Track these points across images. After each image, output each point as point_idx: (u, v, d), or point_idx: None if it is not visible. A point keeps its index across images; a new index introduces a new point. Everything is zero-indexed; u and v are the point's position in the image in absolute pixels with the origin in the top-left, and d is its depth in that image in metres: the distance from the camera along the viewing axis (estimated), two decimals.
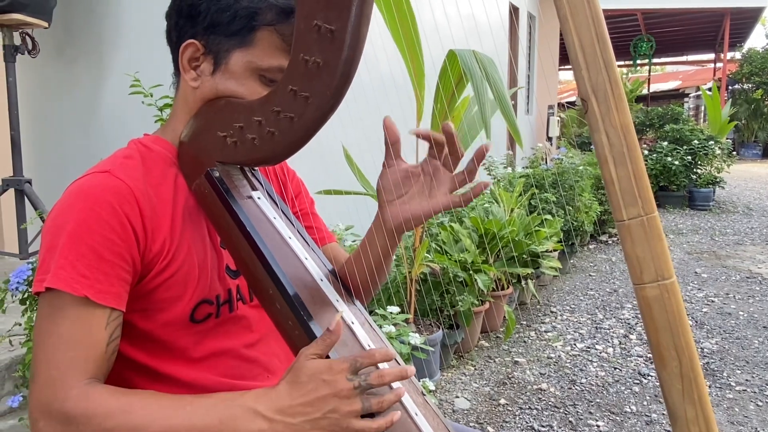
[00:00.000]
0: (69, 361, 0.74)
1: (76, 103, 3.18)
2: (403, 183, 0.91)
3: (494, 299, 3.29)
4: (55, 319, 0.75)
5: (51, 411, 0.72)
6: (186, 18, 0.85)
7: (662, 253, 0.62)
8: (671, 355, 0.62)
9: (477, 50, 2.33)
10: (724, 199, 8.51)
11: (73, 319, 0.75)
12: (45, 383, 0.73)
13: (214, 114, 0.86)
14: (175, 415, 0.72)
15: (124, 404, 0.73)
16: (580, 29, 0.61)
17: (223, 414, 0.72)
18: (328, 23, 0.72)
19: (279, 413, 0.72)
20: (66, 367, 0.73)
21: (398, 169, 0.91)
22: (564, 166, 5.25)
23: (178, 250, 0.84)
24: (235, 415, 0.72)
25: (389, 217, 0.91)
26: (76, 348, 0.74)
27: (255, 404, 0.73)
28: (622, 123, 0.61)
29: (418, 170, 0.92)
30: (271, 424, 0.72)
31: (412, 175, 0.92)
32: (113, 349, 0.79)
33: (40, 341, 0.75)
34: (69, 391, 0.72)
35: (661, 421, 2.43)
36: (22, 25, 2.62)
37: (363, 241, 0.97)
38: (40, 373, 0.73)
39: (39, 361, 0.74)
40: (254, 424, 0.72)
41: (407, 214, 0.91)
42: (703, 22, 13.61)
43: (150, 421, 0.71)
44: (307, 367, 0.74)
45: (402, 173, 0.91)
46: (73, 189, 0.80)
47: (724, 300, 4.03)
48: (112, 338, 0.78)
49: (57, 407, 0.72)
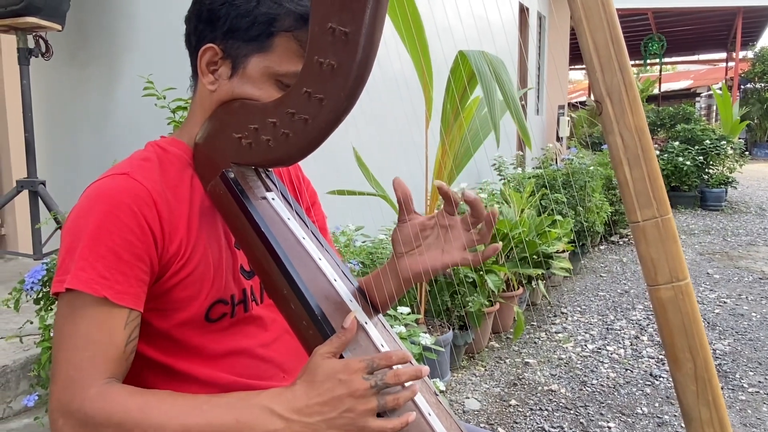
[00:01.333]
0: (88, 361, 0.75)
1: (88, 106, 3.21)
2: (418, 236, 0.93)
3: (505, 300, 3.29)
4: (74, 319, 0.76)
5: (70, 411, 0.73)
6: (205, 22, 0.86)
7: (677, 255, 0.62)
8: (686, 356, 0.62)
9: (487, 51, 2.34)
10: (737, 200, 8.44)
11: (93, 319, 0.76)
12: (64, 383, 0.74)
13: (229, 116, 0.87)
14: (191, 414, 0.73)
15: (142, 404, 0.73)
16: (595, 31, 0.61)
17: (239, 413, 0.73)
18: (343, 26, 0.73)
19: (295, 413, 0.73)
20: (85, 367, 0.74)
21: (413, 224, 0.93)
22: (574, 167, 5.23)
23: (194, 250, 0.86)
24: (252, 415, 0.73)
25: (404, 267, 0.93)
26: (96, 348, 0.75)
27: (271, 404, 0.73)
28: (636, 125, 0.61)
29: (432, 222, 0.94)
30: (288, 423, 0.72)
31: (427, 227, 0.93)
32: (132, 349, 0.80)
33: (59, 341, 0.76)
34: (88, 391, 0.73)
35: (673, 422, 2.42)
36: (36, 28, 2.65)
37: (376, 275, 0.97)
38: (59, 374, 0.74)
39: (59, 362, 0.75)
40: (271, 424, 0.72)
41: (420, 267, 0.92)
42: (714, 20, 13.52)
43: (167, 420, 0.72)
44: (323, 366, 0.74)
45: (417, 226, 0.93)
46: (92, 191, 0.81)
47: (737, 301, 4.00)
48: (131, 338, 0.79)
49: (76, 407, 0.73)
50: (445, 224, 0.92)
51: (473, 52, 2.31)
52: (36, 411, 1.88)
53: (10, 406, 1.89)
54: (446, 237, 0.93)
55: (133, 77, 2.72)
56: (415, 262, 0.92)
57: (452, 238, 0.92)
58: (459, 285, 2.92)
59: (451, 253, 0.91)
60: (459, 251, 0.91)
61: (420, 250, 0.93)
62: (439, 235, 0.93)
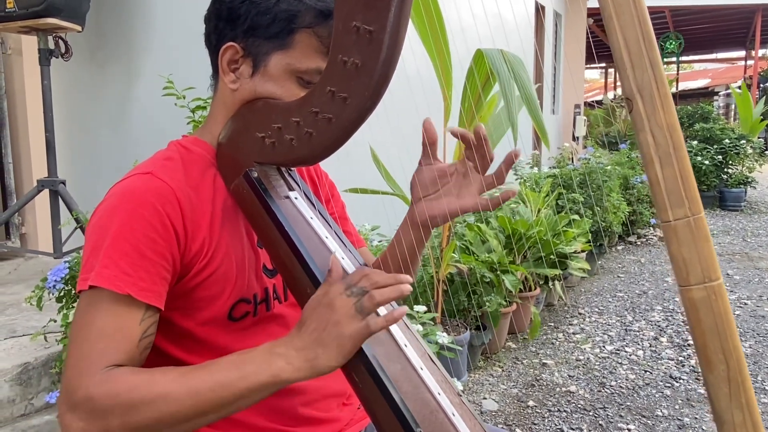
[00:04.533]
0: (98, 352, 0.74)
1: (108, 106, 3.24)
2: (436, 181, 0.95)
3: (521, 300, 3.27)
4: (92, 313, 0.76)
5: (75, 401, 0.72)
6: (225, 21, 0.86)
7: (709, 255, 0.61)
8: (718, 358, 0.61)
9: (504, 49, 2.32)
10: (756, 200, 8.32)
11: (109, 314, 0.76)
12: (72, 375, 0.74)
13: (252, 115, 0.87)
14: (196, 377, 0.73)
15: (146, 377, 0.73)
16: (626, 28, 0.60)
17: (242, 365, 0.73)
18: (367, 24, 0.73)
19: (294, 349, 0.74)
20: (95, 358, 0.74)
21: (433, 168, 0.96)
22: (591, 166, 5.19)
23: (217, 249, 0.86)
24: (254, 362, 0.73)
25: (421, 211, 0.95)
26: (108, 341, 0.75)
27: (271, 347, 0.75)
28: (668, 122, 0.60)
29: (452, 170, 0.96)
30: (288, 359, 0.73)
31: (446, 174, 0.96)
32: (146, 345, 0.79)
33: (74, 335, 0.76)
34: (92, 378, 0.72)
35: (694, 425, 2.39)
36: (56, 29, 2.67)
37: (392, 241, 1.00)
38: (69, 365, 0.75)
39: (70, 353, 0.75)
40: (273, 365, 0.73)
41: (436, 210, 0.95)
42: (733, 18, 13.35)
43: (173, 388, 0.72)
44: (308, 304, 0.77)
45: (437, 172, 0.96)
46: (117, 190, 0.82)
47: (758, 302, 3.95)
48: (146, 334, 0.79)
49: (80, 395, 0.72)
50: (462, 171, 0.94)
51: (491, 51, 2.30)
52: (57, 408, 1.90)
53: (32, 403, 1.91)
54: (463, 183, 0.94)
55: (152, 77, 2.73)
56: (431, 207, 0.95)
57: (467, 184, 0.94)
58: (476, 285, 2.91)
59: (465, 198, 0.94)
60: (473, 196, 0.94)
61: (437, 194, 0.95)
62: (457, 182, 0.95)
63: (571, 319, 3.67)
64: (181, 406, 0.71)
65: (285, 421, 0.92)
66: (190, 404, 0.71)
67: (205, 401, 0.72)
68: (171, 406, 0.71)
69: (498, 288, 2.93)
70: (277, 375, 0.73)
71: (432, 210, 0.94)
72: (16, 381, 1.87)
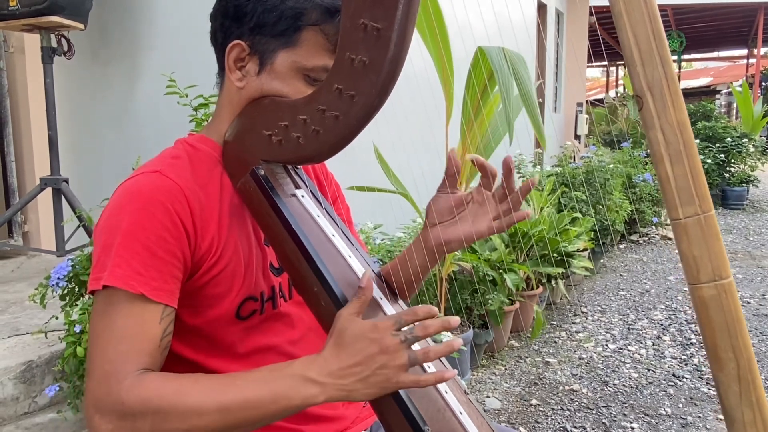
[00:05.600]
0: (123, 355, 0.75)
1: (110, 104, 3.24)
2: (452, 210, 0.96)
3: (524, 299, 3.26)
4: (110, 315, 0.76)
5: (106, 405, 0.73)
6: (232, 19, 0.86)
7: (719, 253, 0.60)
8: (728, 356, 0.61)
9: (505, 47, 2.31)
10: (759, 198, 8.31)
11: (128, 314, 0.76)
12: (99, 378, 0.74)
13: (259, 113, 0.87)
14: (226, 392, 0.73)
15: (177, 387, 0.73)
16: (636, 25, 0.60)
17: (274, 385, 0.73)
18: (375, 22, 0.72)
19: (329, 377, 0.73)
20: (120, 361, 0.74)
21: (451, 197, 0.96)
22: (593, 165, 5.18)
23: (225, 247, 0.86)
24: (286, 385, 0.73)
25: (436, 235, 0.96)
26: (131, 342, 0.75)
27: (304, 371, 0.74)
28: (678, 120, 0.60)
29: (468, 198, 0.96)
30: (323, 388, 0.73)
31: (462, 203, 0.96)
32: (167, 344, 0.80)
33: (94, 338, 0.76)
34: (122, 383, 0.73)
35: (697, 424, 2.39)
36: (59, 27, 2.67)
37: (402, 254, 1.00)
38: (94, 369, 0.75)
39: (93, 357, 0.75)
40: (307, 391, 0.73)
41: (451, 236, 0.95)
42: (735, 17, 13.33)
43: (203, 400, 0.72)
44: (351, 328, 0.74)
45: (454, 200, 0.96)
46: (125, 189, 0.82)
47: (761, 301, 3.94)
48: (166, 333, 0.79)
49: (111, 400, 0.72)
50: (479, 200, 0.95)
51: (492, 48, 2.29)
52: (60, 405, 1.90)
53: (36, 401, 1.91)
54: (480, 210, 0.95)
55: (155, 75, 2.73)
56: (447, 233, 0.95)
57: (483, 211, 0.95)
58: (479, 283, 2.91)
59: (480, 223, 0.94)
60: (488, 221, 0.94)
61: (453, 221, 0.96)
62: (473, 210, 0.95)
63: (573, 317, 3.67)
64: (211, 422, 0.72)
65: (291, 419, 0.92)
66: (219, 419, 0.72)
67: (235, 419, 0.72)
68: (202, 421, 0.72)
69: (500, 286, 2.92)
70: (308, 400, 0.73)
71: (447, 235, 0.95)
72: (20, 379, 1.87)
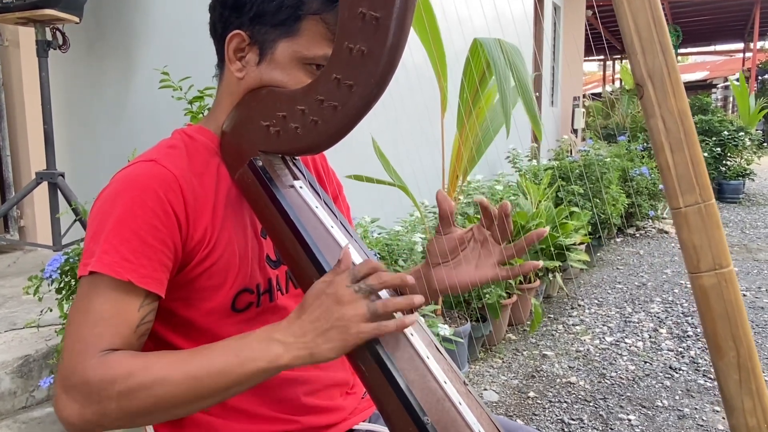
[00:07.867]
0: (95, 336, 0.74)
1: (106, 97, 3.22)
2: (455, 250, 0.95)
3: (521, 292, 3.27)
4: (90, 298, 0.76)
5: (71, 384, 0.72)
6: (231, 9, 0.85)
7: (720, 241, 0.60)
8: (728, 345, 0.61)
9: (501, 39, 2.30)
10: (755, 192, 8.34)
11: (108, 299, 0.76)
12: (68, 357, 0.73)
13: (257, 103, 0.86)
14: (192, 361, 0.73)
15: (143, 362, 0.73)
16: (636, 13, 0.59)
17: (239, 350, 0.73)
18: (374, 11, 0.72)
19: (292, 335, 0.74)
20: (91, 342, 0.73)
21: (451, 237, 0.96)
22: (590, 158, 5.18)
23: (219, 239, 0.85)
24: (251, 347, 0.73)
25: (440, 278, 0.95)
26: (106, 325, 0.75)
27: (269, 333, 0.75)
28: (679, 108, 0.60)
29: (469, 236, 0.96)
30: (287, 346, 0.73)
31: (463, 241, 0.96)
32: (143, 332, 0.79)
33: (72, 319, 0.76)
34: (88, 361, 0.72)
35: (694, 415, 2.40)
36: (53, 20, 2.65)
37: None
38: (66, 348, 0.74)
39: (67, 337, 0.75)
40: (271, 351, 0.73)
41: (454, 281, 0.95)
42: (731, 11, 13.31)
43: (170, 372, 0.72)
44: (311, 290, 0.76)
45: (454, 241, 0.95)
46: (120, 177, 0.82)
47: (756, 294, 3.96)
48: (144, 321, 0.78)
49: (77, 378, 0.71)
50: (480, 239, 0.95)
51: (489, 40, 2.28)
52: None
53: (33, 395, 1.91)
54: (482, 252, 0.95)
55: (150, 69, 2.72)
56: (450, 276, 0.95)
57: (486, 254, 0.94)
58: None
59: (484, 269, 0.94)
60: (492, 267, 0.94)
61: (456, 261, 0.95)
62: (475, 249, 0.95)
63: (570, 310, 3.68)
64: (179, 391, 0.71)
65: (289, 411, 0.92)
66: (187, 389, 0.72)
67: (203, 387, 0.72)
68: (168, 391, 0.71)
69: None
70: (274, 361, 0.73)
71: (451, 279, 0.95)
72: (17, 373, 1.86)
